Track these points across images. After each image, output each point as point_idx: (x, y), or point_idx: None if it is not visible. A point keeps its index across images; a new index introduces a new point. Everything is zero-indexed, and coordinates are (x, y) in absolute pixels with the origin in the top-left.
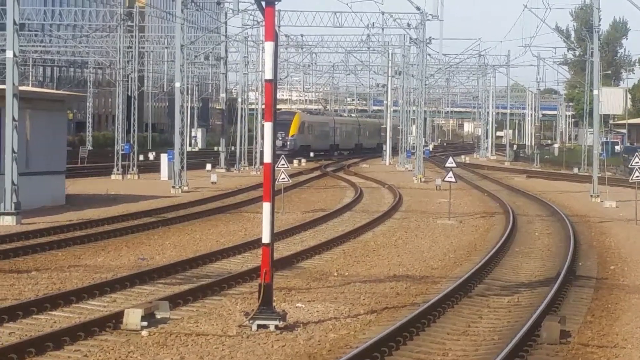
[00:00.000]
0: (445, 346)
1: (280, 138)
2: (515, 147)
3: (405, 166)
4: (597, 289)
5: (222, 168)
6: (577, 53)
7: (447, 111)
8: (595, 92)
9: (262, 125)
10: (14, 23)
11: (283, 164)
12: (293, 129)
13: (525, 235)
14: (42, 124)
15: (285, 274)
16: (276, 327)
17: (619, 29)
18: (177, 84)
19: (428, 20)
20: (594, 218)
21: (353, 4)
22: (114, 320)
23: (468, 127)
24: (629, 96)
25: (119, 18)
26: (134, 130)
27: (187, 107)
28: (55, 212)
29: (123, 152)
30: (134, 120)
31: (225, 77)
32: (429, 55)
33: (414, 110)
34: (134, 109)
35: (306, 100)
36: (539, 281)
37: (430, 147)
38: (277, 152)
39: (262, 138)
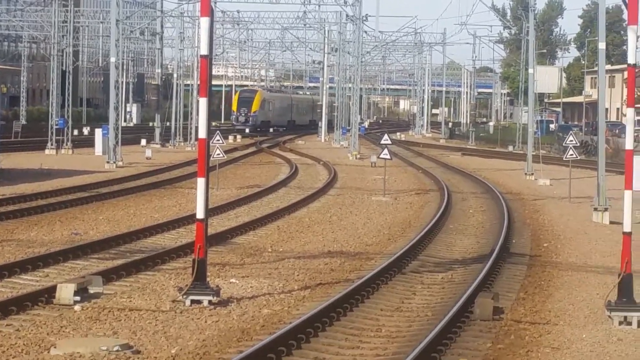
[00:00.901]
0: (379, 322)
1: (243, 114)
2: (450, 124)
3: (341, 143)
4: (530, 266)
5: (157, 144)
6: (512, 32)
7: (383, 88)
8: (530, 70)
9: (198, 101)
10: None
11: (218, 140)
12: (255, 106)
13: (460, 212)
14: None
15: (219, 250)
16: (210, 302)
17: (555, 8)
18: (112, 59)
19: None
20: (528, 196)
21: None
22: (46, 295)
23: (404, 104)
24: (564, 75)
25: None
26: (68, 105)
27: (122, 82)
28: None
29: (57, 127)
30: (69, 95)
31: (161, 52)
32: (365, 32)
33: (349, 87)
34: (69, 83)
35: (242, 76)
36: (473, 258)
37: (366, 124)
38: (240, 128)
39: (197, 114)
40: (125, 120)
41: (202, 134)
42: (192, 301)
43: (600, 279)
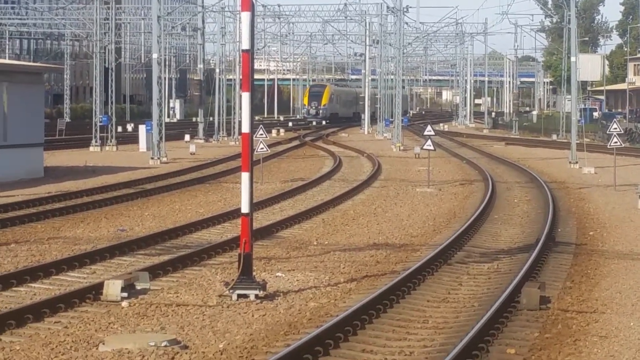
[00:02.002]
0: (425, 313)
1: (314, 107)
2: (493, 114)
3: (384, 135)
4: (576, 254)
5: (200, 139)
6: (554, 20)
7: (425, 79)
8: (572, 59)
9: (240, 96)
10: None
11: (261, 134)
12: (325, 99)
13: (505, 202)
14: (20, 96)
15: (264, 244)
16: (256, 296)
17: None
18: (155, 55)
19: None
20: (573, 184)
21: None
22: (93, 292)
23: (446, 95)
24: (607, 62)
25: None
26: (111, 102)
27: (165, 78)
28: (33, 185)
29: (101, 124)
30: (112, 92)
31: (203, 48)
32: (406, 23)
33: (392, 79)
34: (112, 80)
35: (284, 70)
36: (518, 248)
37: (409, 115)
38: (311, 119)
39: (240, 108)
40: (168, 116)
41: (246, 128)
42: (239, 295)
43: None
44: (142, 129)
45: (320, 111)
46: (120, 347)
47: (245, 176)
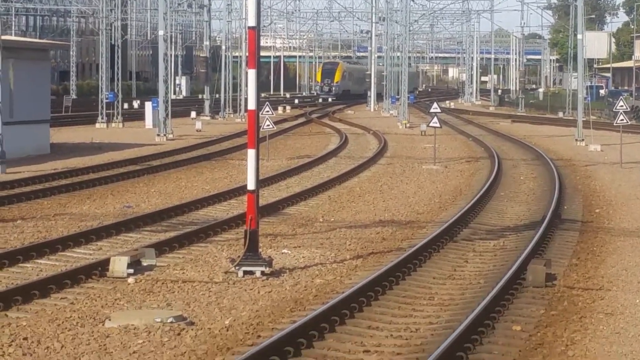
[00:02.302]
0: (431, 290)
1: (327, 84)
2: (499, 92)
3: (390, 112)
4: (583, 232)
5: (206, 116)
6: None
7: (432, 57)
8: (579, 36)
9: (246, 73)
10: None
11: (267, 111)
12: (337, 77)
13: (511, 179)
14: (26, 73)
15: (270, 221)
16: (262, 273)
17: None
18: (161, 32)
19: None
20: (579, 162)
21: None
22: (100, 268)
23: (452, 72)
24: (613, 40)
25: None
26: (118, 79)
27: (171, 55)
28: (40, 161)
29: (107, 101)
30: (118, 68)
31: (209, 24)
32: (413, 1)
33: (398, 57)
34: (118, 57)
35: (290, 47)
36: (525, 225)
37: (416, 92)
38: (324, 96)
39: (247, 85)
40: (174, 93)
41: (252, 105)
42: (245, 272)
43: None
44: (148, 105)
45: (333, 88)
46: (127, 323)
47: (251, 153)
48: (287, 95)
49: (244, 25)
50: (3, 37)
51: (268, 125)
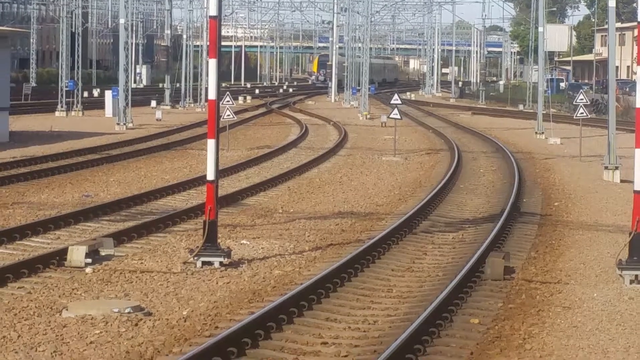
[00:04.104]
0: (390, 282)
1: (322, 74)
2: (460, 84)
3: (351, 103)
4: (541, 225)
5: (167, 105)
6: None
7: (393, 48)
8: (540, 29)
9: (207, 62)
10: None
11: (228, 101)
12: (314, 67)
13: (470, 172)
14: None
15: (230, 211)
16: (221, 263)
17: None
18: (122, 21)
19: None
20: (539, 155)
21: None
22: (57, 257)
23: (414, 64)
24: (574, 33)
25: None
26: (78, 67)
27: (132, 44)
28: None
29: (67, 89)
30: (78, 57)
31: (170, 13)
32: None
33: (359, 47)
34: (78, 45)
35: (251, 37)
36: (484, 217)
37: (376, 84)
38: (320, 85)
39: (207, 75)
40: (135, 82)
41: (212, 95)
42: (203, 263)
43: (611, 237)
44: (108, 94)
45: (318, 77)
46: (84, 313)
47: (211, 143)
48: (248, 85)
49: (205, 15)
50: None
51: (228, 115)
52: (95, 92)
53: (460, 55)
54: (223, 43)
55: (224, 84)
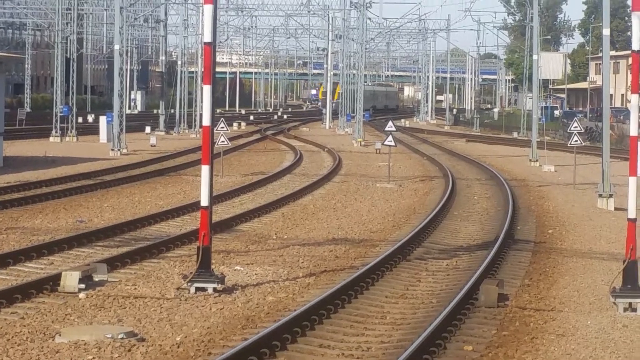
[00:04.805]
0: (383, 309)
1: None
2: (455, 111)
3: (345, 130)
4: (535, 252)
5: (161, 131)
6: (517, 18)
7: (388, 75)
8: (534, 57)
9: (202, 88)
10: None
11: (222, 127)
12: (336, 95)
13: (465, 199)
14: None
15: (224, 237)
16: (214, 289)
17: None
18: (117, 47)
19: None
20: (533, 182)
21: None
22: (51, 283)
23: (408, 91)
24: (568, 61)
25: None
26: (72, 93)
27: (127, 69)
28: None
29: (62, 115)
30: (73, 82)
31: (165, 39)
32: (369, 19)
33: (354, 74)
34: (73, 71)
35: (246, 63)
36: (478, 245)
37: (371, 110)
38: (325, 112)
39: (202, 101)
40: (129, 108)
41: (207, 121)
42: (197, 289)
43: (605, 265)
44: (102, 120)
45: (333, 104)
46: (77, 338)
47: (205, 169)
48: (243, 112)
49: (200, 41)
50: None
51: (223, 141)
52: (90, 118)
53: (454, 83)
54: (218, 69)
55: (218, 110)
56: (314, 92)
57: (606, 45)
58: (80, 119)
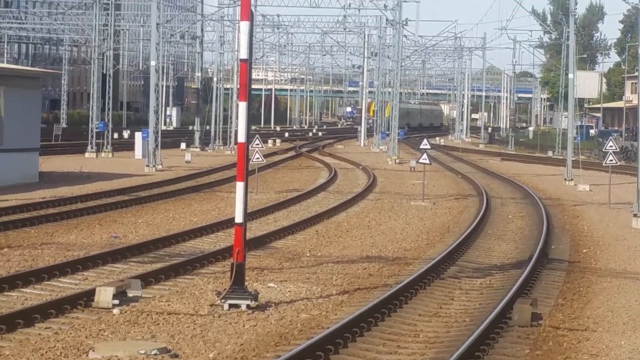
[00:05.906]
0: (416, 327)
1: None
2: (490, 129)
3: (380, 147)
4: (569, 272)
5: (196, 147)
6: (553, 36)
7: (423, 93)
8: (570, 75)
9: (237, 105)
10: None
11: (257, 144)
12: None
13: (499, 217)
14: (17, 101)
15: (257, 254)
16: (248, 306)
17: (595, 13)
18: (153, 63)
19: (405, 1)
20: (568, 201)
21: None
22: (85, 298)
23: (443, 109)
24: (604, 80)
25: None
26: (108, 109)
27: (163, 85)
28: (28, 190)
29: (97, 130)
30: (109, 98)
31: (201, 56)
32: (405, 36)
33: (389, 92)
34: (109, 87)
35: (282, 80)
36: (512, 264)
37: (406, 128)
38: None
39: (237, 118)
40: (165, 124)
41: (242, 137)
42: (230, 305)
43: None
44: (138, 136)
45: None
46: (110, 354)
47: (240, 186)
48: (278, 129)
49: (235, 58)
50: None
51: (258, 158)
52: (126, 134)
53: (490, 101)
54: (253, 86)
55: (253, 127)
56: (349, 109)
57: None
58: (115, 135)
